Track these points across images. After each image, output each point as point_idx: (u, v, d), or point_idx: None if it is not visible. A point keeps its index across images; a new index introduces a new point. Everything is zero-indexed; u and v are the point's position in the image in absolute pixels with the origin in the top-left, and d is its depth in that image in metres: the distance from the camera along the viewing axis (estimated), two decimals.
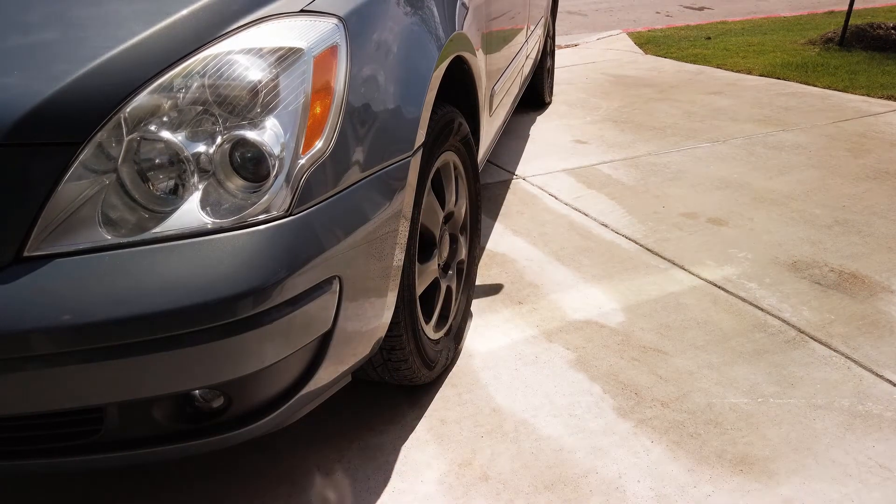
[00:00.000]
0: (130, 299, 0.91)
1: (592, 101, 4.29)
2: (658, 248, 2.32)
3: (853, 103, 3.98)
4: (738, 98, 4.20)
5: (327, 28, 1.09)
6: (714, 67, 5.09)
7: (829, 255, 2.23)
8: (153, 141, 0.97)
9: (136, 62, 0.97)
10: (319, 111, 1.04)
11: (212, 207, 0.97)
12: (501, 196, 2.83)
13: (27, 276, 0.91)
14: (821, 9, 7.75)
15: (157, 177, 0.98)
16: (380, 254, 1.19)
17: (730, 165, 3.07)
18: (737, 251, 2.28)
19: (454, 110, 1.60)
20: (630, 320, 1.91)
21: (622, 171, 3.05)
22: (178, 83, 0.98)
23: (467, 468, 1.40)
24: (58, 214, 0.93)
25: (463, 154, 1.72)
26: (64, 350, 0.90)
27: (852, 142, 3.32)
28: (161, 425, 1.01)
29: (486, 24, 2.01)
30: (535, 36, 3.40)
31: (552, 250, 2.33)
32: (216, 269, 0.94)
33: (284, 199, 0.99)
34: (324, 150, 1.04)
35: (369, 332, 1.23)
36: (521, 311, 1.97)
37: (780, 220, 2.50)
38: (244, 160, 0.99)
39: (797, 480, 1.34)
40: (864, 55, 5.14)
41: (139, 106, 0.96)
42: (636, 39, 6.29)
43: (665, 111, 3.97)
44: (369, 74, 1.16)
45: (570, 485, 1.35)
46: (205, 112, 0.99)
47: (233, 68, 0.99)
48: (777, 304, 1.96)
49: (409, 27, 1.35)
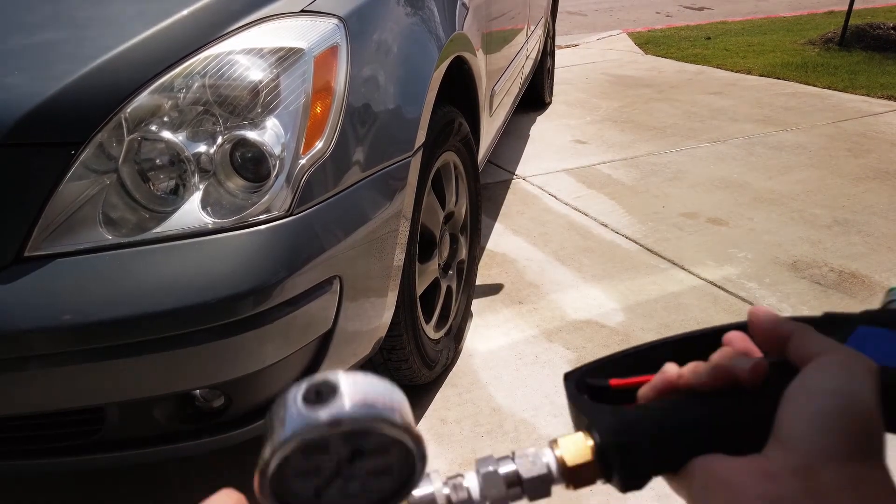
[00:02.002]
0: (131, 299, 0.91)
1: (592, 101, 4.29)
2: (658, 248, 2.32)
3: (853, 103, 3.98)
4: (738, 98, 4.20)
5: (328, 28, 1.09)
6: (714, 67, 5.10)
7: (828, 255, 2.23)
8: (154, 141, 0.97)
9: (136, 62, 0.97)
10: (320, 111, 1.04)
11: (212, 207, 0.97)
12: (501, 196, 2.83)
13: (28, 275, 0.91)
14: (821, 9, 7.75)
15: (158, 177, 0.98)
16: (380, 254, 1.19)
17: (730, 165, 3.07)
18: (737, 251, 2.28)
19: (454, 110, 1.60)
20: (630, 320, 1.91)
21: (622, 170, 3.06)
22: (179, 83, 0.98)
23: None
24: (58, 214, 0.93)
25: (463, 154, 1.72)
26: (64, 350, 0.90)
27: (852, 142, 3.32)
28: (161, 425, 1.01)
29: (487, 24, 2.01)
30: (536, 36, 3.40)
31: (552, 250, 2.33)
32: (217, 268, 0.94)
33: (285, 199, 0.99)
34: (324, 151, 1.04)
35: (370, 332, 1.23)
36: (521, 311, 1.97)
37: (779, 220, 2.50)
38: (245, 160, 0.99)
39: None
40: (863, 55, 5.14)
41: (140, 106, 0.96)
42: (636, 39, 6.30)
43: (665, 111, 3.97)
44: (370, 74, 1.16)
45: None
46: (205, 112, 0.99)
47: (233, 68, 0.99)
48: (777, 303, 1.96)
49: (409, 27, 1.35)
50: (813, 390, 0.27)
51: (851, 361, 0.28)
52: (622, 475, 0.30)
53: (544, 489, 0.31)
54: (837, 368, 0.28)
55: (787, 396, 0.28)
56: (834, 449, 0.26)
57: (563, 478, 0.31)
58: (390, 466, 0.28)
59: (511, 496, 0.31)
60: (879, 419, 0.27)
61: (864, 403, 0.27)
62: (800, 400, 0.27)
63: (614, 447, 0.30)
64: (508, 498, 0.31)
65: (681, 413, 0.31)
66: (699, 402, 0.31)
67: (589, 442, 0.31)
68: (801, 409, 0.27)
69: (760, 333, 0.32)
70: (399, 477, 0.28)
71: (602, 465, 0.31)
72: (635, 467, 0.30)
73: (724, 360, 0.31)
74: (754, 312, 0.33)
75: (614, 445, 0.30)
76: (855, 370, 0.28)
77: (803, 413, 0.27)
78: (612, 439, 0.30)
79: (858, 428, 0.26)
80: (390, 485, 0.28)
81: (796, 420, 0.27)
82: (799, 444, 0.26)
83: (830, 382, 0.27)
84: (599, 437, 0.31)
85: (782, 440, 0.27)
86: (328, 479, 0.27)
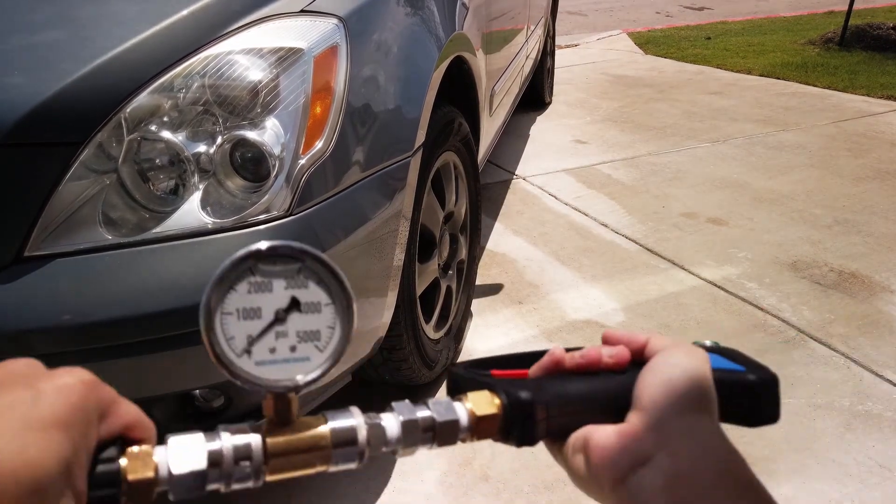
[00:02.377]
0: (131, 299, 0.91)
1: (592, 101, 4.29)
2: (658, 248, 2.32)
3: (853, 103, 3.98)
4: (738, 98, 4.20)
5: (327, 28, 1.09)
6: (714, 67, 5.09)
7: (828, 255, 2.23)
8: (154, 141, 0.97)
9: (136, 62, 0.97)
10: (320, 111, 1.04)
11: (212, 207, 0.97)
12: (501, 196, 2.83)
13: (28, 275, 0.91)
14: (821, 9, 7.75)
15: (158, 177, 0.98)
16: (380, 254, 1.18)
17: (730, 165, 3.07)
18: (737, 251, 2.28)
19: (454, 110, 1.60)
20: (630, 320, 1.91)
21: (622, 170, 3.05)
22: (179, 83, 0.97)
23: (468, 468, 1.40)
24: (58, 214, 0.93)
25: (463, 154, 1.72)
26: (64, 350, 0.90)
27: (852, 142, 3.32)
28: (161, 425, 1.01)
29: (487, 24, 2.01)
30: (536, 36, 3.40)
31: (552, 250, 2.33)
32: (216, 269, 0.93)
33: (285, 199, 0.99)
34: (324, 150, 1.04)
35: (369, 332, 1.23)
36: (521, 311, 1.97)
37: (780, 220, 2.50)
38: (244, 160, 0.99)
39: (798, 480, 1.34)
40: (863, 55, 5.14)
41: (140, 106, 0.96)
42: (636, 39, 6.30)
43: (665, 111, 3.97)
44: (369, 74, 1.16)
45: (571, 484, 1.35)
46: (205, 112, 0.99)
47: (233, 68, 0.99)
48: (777, 303, 1.96)
49: (409, 27, 1.35)
50: (659, 366, 0.35)
51: (688, 347, 0.37)
52: (522, 431, 0.35)
53: (453, 437, 0.34)
54: (677, 350, 0.36)
55: (642, 374, 0.36)
56: (676, 405, 0.33)
57: (469, 428, 0.35)
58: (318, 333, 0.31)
59: (424, 440, 0.34)
60: (711, 384, 0.35)
61: (698, 371, 0.35)
62: (649, 375, 0.35)
63: (520, 405, 0.35)
64: (421, 441, 0.34)
65: (572, 384, 0.37)
66: (583, 379, 0.38)
67: (496, 400, 0.36)
68: (651, 381, 0.35)
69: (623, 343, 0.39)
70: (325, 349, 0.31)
71: (505, 420, 0.35)
72: (534, 425, 0.35)
73: (597, 350, 0.39)
74: (609, 332, 0.41)
75: (520, 404, 0.35)
76: (691, 351, 0.36)
77: (653, 383, 0.34)
78: (519, 399, 0.35)
79: (694, 388, 0.34)
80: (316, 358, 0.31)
81: (648, 389, 0.34)
82: (650, 407, 0.34)
83: (672, 358, 0.35)
84: (507, 397, 0.35)
85: (639, 407, 0.34)
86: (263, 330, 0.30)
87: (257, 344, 0.30)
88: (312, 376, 0.31)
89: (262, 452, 0.30)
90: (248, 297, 0.31)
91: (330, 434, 0.32)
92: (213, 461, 0.29)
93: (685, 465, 0.32)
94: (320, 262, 0.32)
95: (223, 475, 0.29)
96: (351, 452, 0.32)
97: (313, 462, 0.31)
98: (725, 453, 0.33)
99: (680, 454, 0.32)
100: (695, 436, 0.33)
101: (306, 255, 0.31)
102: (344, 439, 0.32)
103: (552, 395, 0.36)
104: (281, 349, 0.31)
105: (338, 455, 0.32)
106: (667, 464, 0.32)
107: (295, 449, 0.31)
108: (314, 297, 0.32)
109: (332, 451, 0.31)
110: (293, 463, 0.31)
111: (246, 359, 0.30)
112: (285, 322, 0.31)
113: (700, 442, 0.33)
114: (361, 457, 0.32)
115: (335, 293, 0.32)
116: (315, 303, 0.31)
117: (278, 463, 0.31)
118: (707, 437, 0.33)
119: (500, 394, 0.36)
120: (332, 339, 0.32)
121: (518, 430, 0.35)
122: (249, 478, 0.30)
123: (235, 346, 0.30)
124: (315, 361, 0.31)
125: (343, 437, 0.32)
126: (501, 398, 0.36)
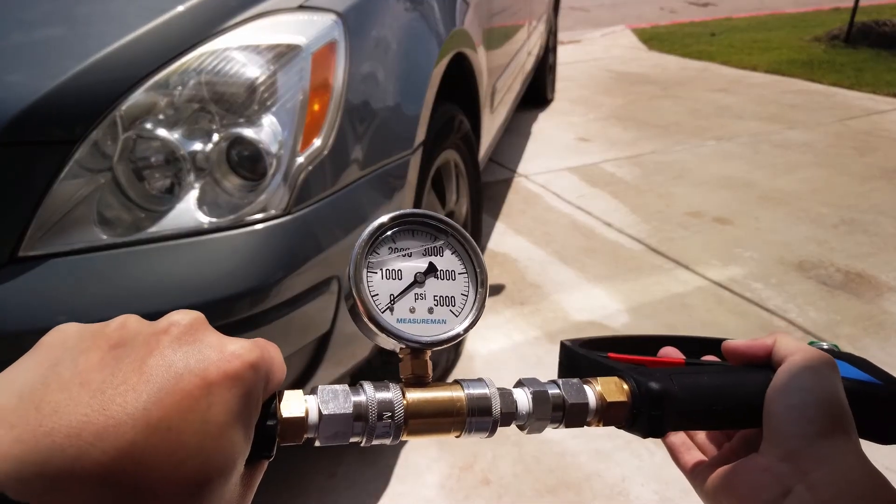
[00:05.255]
0: (126, 300, 0.89)
1: (595, 98, 4.26)
2: (662, 248, 2.30)
3: (859, 101, 3.95)
4: (743, 95, 4.17)
5: (326, 24, 1.07)
6: (719, 64, 5.06)
7: (835, 255, 2.21)
8: (149, 139, 0.96)
9: (131, 59, 0.95)
10: (318, 109, 1.02)
11: (209, 206, 0.96)
12: (503, 195, 2.81)
13: (22, 276, 0.89)
14: (826, 5, 7.71)
15: (153, 175, 0.96)
16: None
17: (735, 164, 3.04)
18: (742, 251, 2.26)
19: (455, 107, 1.58)
20: (634, 321, 1.89)
21: (626, 169, 3.03)
22: (175, 80, 0.96)
23: (468, 472, 1.38)
24: (53, 214, 0.91)
25: (464, 152, 1.70)
26: None
27: (858, 140, 3.30)
28: None
29: (488, 20, 1.99)
30: (538, 32, 3.38)
31: (554, 250, 2.31)
32: (213, 269, 0.92)
33: (282, 197, 0.97)
34: (322, 149, 1.02)
35: None
36: (522, 312, 1.95)
37: (785, 220, 2.48)
38: (241, 158, 0.98)
39: None
40: (870, 52, 5.10)
41: (135, 104, 0.94)
42: (640, 36, 6.27)
43: (669, 108, 3.95)
44: (368, 71, 1.14)
45: (573, 488, 1.33)
46: (201, 109, 0.97)
47: (230, 65, 0.98)
48: (783, 304, 1.94)
49: (408, 23, 1.33)
50: (790, 388, 0.34)
51: (818, 361, 0.35)
52: (650, 422, 0.34)
53: (581, 419, 0.34)
54: (807, 369, 0.35)
55: (771, 393, 0.35)
56: (810, 432, 0.33)
57: (597, 413, 0.35)
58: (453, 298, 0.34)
59: (554, 419, 0.34)
60: (843, 400, 0.34)
61: (829, 394, 0.34)
62: (780, 397, 0.34)
63: (650, 395, 0.34)
64: (550, 420, 0.34)
65: (703, 379, 0.36)
66: (714, 375, 0.37)
67: (625, 387, 0.35)
68: (782, 406, 0.34)
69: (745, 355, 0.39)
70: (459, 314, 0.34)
71: (634, 409, 0.35)
72: (663, 417, 0.34)
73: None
74: (729, 344, 0.40)
75: (650, 394, 0.34)
76: (817, 367, 0.35)
77: (781, 412, 0.34)
78: (649, 388, 0.34)
79: (825, 412, 0.33)
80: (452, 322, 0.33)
81: (779, 418, 0.34)
82: (782, 438, 0.33)
83: (802, 381, 0.34)
84: (636, 385, 0.35)
85: (769, 439, 0.34)
86: (404, 290, 0.33)
87: (398, 302, 0.33)
88: (449, 335, 0.33)
89: (402, 409, 0.31)
90: (390, 260, 0.34)
91: (465, 399, 0.32)
92: (358, 412, 0.30)
93: (826, 496, 0.31)
94: (456, 233, 0.35)
95: (366, 429, 0.30)
96: (485, 422, 0.33)
97: (448, 427, 0.32)
98: (866, 477, 0.32)
99: (819, 485, 0.31)
100: (833, 462, 0.32)
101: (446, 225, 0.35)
102: (479, 407, 0.32)
103: (683, 388, 0.35)
104: (420, 310, 0.33)
105: (472, 423, 0.32)
106: (808, 497, 0.31)
107: (432, 410, 0.32)
108: (450, 265, 0.35)
109: (466, 419, 0.32)
110: (430, 425, 0.32)
111: (388, 314, 0.33)
112: (423, 285, 0.34)
113: (838, 468, 0.32)
114: (494, 427, 0.33)
115: (468, 264, 0.35)
116: (450, 270, 0.35)
117: (416, 424, 0.32)
118: (846, 461, 0.32)
119: (629, 381, 0.35)
120: (465, 305, 0.34)
121: (646, 421, 0.35)
122: (389, 435, 0.31)
123: (379, 303, 0.33)
124: (450, 324, 0.34)
125: (478, 405, 0.32)
126: (631, 386, 0.35)
